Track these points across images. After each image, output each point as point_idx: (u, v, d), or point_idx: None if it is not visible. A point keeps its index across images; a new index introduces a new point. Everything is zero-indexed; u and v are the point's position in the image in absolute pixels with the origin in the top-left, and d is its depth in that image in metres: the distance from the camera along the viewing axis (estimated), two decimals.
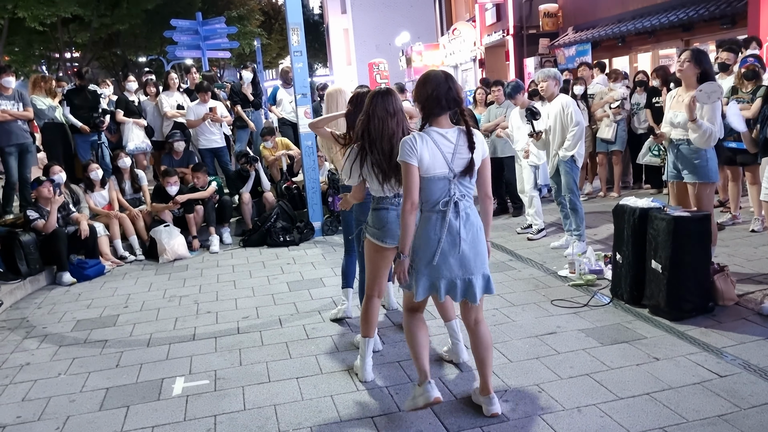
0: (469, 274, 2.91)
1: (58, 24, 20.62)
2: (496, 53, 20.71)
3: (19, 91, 7.05)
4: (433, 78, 2.90)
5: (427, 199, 2.88)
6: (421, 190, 2.86)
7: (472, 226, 2.90)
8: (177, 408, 3.37)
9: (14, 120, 6.91)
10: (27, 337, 4.66)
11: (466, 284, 2.93)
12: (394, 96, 3.26)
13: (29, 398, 3.61)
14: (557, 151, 5.69)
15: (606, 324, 4.12)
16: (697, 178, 4.61)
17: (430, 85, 2.87)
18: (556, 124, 5.67)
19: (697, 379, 3.27)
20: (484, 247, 2.96)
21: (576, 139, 5.56)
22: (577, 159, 5.70)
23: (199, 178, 7.40)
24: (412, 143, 2.82)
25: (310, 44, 19.93)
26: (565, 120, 5.59)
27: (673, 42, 12.93)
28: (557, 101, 5.69)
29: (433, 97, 2.85)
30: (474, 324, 3.07)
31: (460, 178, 2.87)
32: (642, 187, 8.48)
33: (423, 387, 3.00)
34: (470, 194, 2.94)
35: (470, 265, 2.90)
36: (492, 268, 5.57)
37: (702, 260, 4.06)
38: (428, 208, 2.90)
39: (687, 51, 4.63)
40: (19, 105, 6.95)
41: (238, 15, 24.84)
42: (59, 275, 6.10)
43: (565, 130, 5.60)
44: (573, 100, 5.86)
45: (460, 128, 2.91)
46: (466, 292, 2.95)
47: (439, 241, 2.86)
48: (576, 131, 5.54)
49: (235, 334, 4.44)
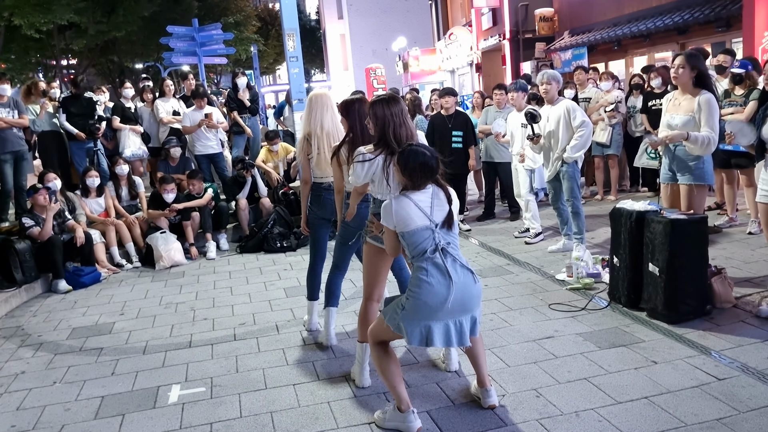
0: (460, 316, 2.89)
1: (54, 31, 20.61)
2: (493, 57, 20.76)
3: (14, 99, 7.05)
4: (420, 152, 2.90)
5: (414, 250, 2.88)
6: (408, 245, 2.89)
7: (462, 268, 2.89)
8: (173, 416, 3.35)
9: (9, 127, 6.90)
10: (22, 346, 4.64)
11: (458, 327, 2.90)
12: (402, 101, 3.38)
13: (24, 407, 3.58)
14: (560, 154, 5.57)
15: (604, 327, 4.11)
16: (692, 180, 4.61)
17: (418, 157, 2.88)
18: (559, 127, 5.54)
19: (695, 383, 3.25)
20: (475, 290, 2.93)
21: (584, 139, 5.46)
22: (579, 162, 5.67)
23: (194, 185, 7.36)
24: (388, 208, 2.88)
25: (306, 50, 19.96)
26: (570, 123, 5.48)
27: (668, 45, 12.97)
28: (560, 105, 5.57)
29: (419, 169, 2.88)
30: None
31: (442, 228, 2.89)
32: (639, 190, 8.48)
33: (405, 415, 2.98)
34: (455, 243, 2.94)
35: (463, 307, 2.88)
36: (489, 272, 5.61)
37: (699, 263, 4.05)
38: (418, 260, 2.88)
39: (680, 56, 4.63)
40: (15, 112, 6.95)
41: (234, 21, 24.82)
42: (55, 283, 6.07)
43: (569, 133, 5.50)
44: (575, 104, 5.78)
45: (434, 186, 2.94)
46: (461, 335, 2.92)
47: (447, 287, 2.82)
48: (585, 132, 5.44)
49: (232, 341, 4.41)
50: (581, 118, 5.47)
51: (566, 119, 5.51)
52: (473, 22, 22.17)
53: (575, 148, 5.49)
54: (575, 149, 5.50)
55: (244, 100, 9.04)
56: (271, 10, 36.97)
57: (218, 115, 8.28)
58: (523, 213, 6.81)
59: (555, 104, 5.62)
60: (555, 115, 5.58)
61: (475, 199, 9.12)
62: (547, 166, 5.82)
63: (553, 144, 5.65)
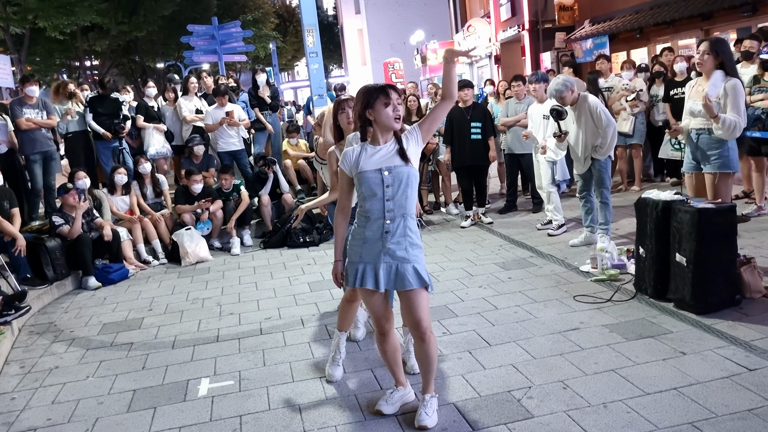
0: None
1: (78, 33, 20.92)
2: (512, 49, 20.60)
3: (42, 100, 7.19)
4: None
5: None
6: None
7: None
8: (203, 409, 3.41)
9: (38, 128, 7.04)
10: (55, 341, 4.75)
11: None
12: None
13: (59, 401, 3.67)
14: (589, 154, 5.51)
15: (630, 319, 4.08)
16: (717, 168, 4.55)
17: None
18: (587, 126, 5.45)
19: (726, 373, 3.22)
20: None
21: (609, 139, 5.39)
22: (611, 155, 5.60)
23: (225, 179, 7.50)
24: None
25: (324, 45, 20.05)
26: (596, 121, 5.40)
27: (692, 32, 12.73)
28: (583, 103, 5.48)
29: None
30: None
31: None
32: (664, 180, 8.37)
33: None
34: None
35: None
36: (513, 264, 5.60)
37: (728, 252, 4.00)
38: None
39: (705, 42, 4.57)
40: (43, 113, 7.09)
41: (253, 18, 24.95)
42: (85, 280, 6.20)
43: (596, 131, 5.42)
44: (599, 100, 5.66)
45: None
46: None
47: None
48: (610, 132, 5.37)
49: (258, 335, 4.47)
50: (605, 117, 5.39)
51: (593, 116, 5.41)
52: (492, 13, 22.02)
53: (605, 151, 5.45)
54: (605, 152, 5.46)
55: (265, 97, 9.10)
56: (288, 6, 37.10)
57: (240, 112, 8.36)
58: (546, 205, 6.77)
59: (578, 104, 5.51)
60: (581, 113, 5.49)
61: (498, 191, 9.09)
62: (578, 163, 5.72)
63: (582, 142, 5.54)
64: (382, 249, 2.89)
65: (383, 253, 2.89)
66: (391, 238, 2.88)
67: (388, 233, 2.88)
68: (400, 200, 2.87)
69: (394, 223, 2.88)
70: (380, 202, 2.87)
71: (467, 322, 4.31)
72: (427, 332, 2.96)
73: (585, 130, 5.48)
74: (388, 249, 2.88)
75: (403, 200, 2.88)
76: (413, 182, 2.89)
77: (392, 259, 2.89)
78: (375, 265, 2.90)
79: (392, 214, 2.87)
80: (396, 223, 2.88)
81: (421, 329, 2.95)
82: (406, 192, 2.87)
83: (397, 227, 2.88)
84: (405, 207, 2.89)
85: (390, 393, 3.20)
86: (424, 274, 2.92)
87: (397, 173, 2.85)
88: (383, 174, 2.85)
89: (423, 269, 2.92)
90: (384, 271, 2.90)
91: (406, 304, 2.96)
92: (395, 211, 2.87)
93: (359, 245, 2.94)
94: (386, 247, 2.89)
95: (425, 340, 2.96)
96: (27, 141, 7.01)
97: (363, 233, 2.93)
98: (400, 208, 2.88)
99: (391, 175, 2.85)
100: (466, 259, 5.97)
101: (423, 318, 2.94)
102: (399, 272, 2.89)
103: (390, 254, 2.89)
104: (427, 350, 2.99)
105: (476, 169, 7.29)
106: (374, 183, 2.85)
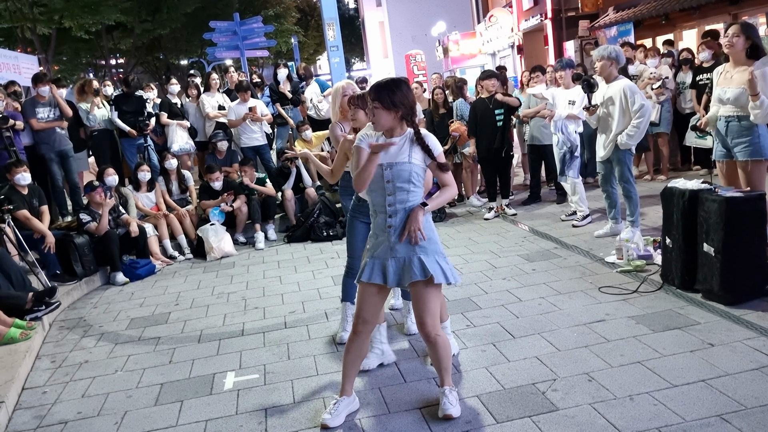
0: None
1: (103, 32, 21.26)
2: (535, 38, 20.32)
3: (53, 99, 7.20)
4: None
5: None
6: None
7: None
8: (229, 402, 3.45)
9: (53, 128, 7.12)
10: (84, 336, 4.84)
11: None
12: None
13: (89, 394, 3.75)
14: (614, 138, 5.26)
15: (657, 310, 4.02)
16: (748, 156, 4.44)
17: None
18: (615, 109, 5.22)
19: (755, 365, 3.16)
20: None
21: (642, 127, 5.16)
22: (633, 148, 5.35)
23: (246, 172, 7.58)
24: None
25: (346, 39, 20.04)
26: (626, 106, 5.16)
27: (720, 17, 12.41)
28: (617, 84, 5.24)
29: None
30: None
31: None
32: (692, 169, 8.21)
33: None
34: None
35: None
36: (537, 256, 5.55)
37: (757, 241, 3.91)
38: None
39: (735, 25, 4.46)
40: (56, 111, 7.16)
41: (274, 13, 25.08)
42: (113, 275, 6.31)
43: (627, 117, 5.19)
44: (635, 86, 5.41)
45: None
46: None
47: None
48: (643, 120, 5.11)
49: (283, 329, 4.51)
50: (640, 102, 5.14)
51: (623, 102, 5.19)
52: (513, 2, 21.74)
53: (633, 137, 5.18)
54: (633, 138, 5.19)
55: (285, 92, 9.13)
56: (309, 1, 37.10)
57: (262, 108, 8.40)
58: (570, 196, 6.69)
59: (611, 83, 5.30)
60: (610, 95, 5.29)
61: (521, 182, 9.01)
62: (602, 147, 5.52)
63: (610, 124, 5.33)
64: (389, 245, 2.92)
65: (389, 248, 2.92)
66: (395, 233, 2.91)
67: (391, 227, 2.91)
68: (401, 195, 2.90)
69: (396, 218, 2.90)
70: (382, 196, 2.92)
71: (491, 315, 4.29)
72: (432, 334, 2.92)
73: (613, 113, 5.28)
74: (392, 244, 2.91)
75: (404, 195, 2.90)
76: (415, 178, 2.91)
77: (399, 254, 2.91)
78: (384, 261, 2.94)
79: (393, 208, 2.91)
80: (398, 218, 2.90)
81: (425, 330, 2.93)
82: (407, 188, 2.90)
83: (400, 222, 2.90)
84: (407, 201, 2.91)
85: (334, 404, 3.07)
86: (432, 267, 2.86)
87: (398, 170, 2.88)
88: (384, 170, 2.90)
89: (432, 261, 2.88)
90: (392, 267, 2.92)
91: (413, 299, 2.99)
92: (396, 206, 2.90)
93: (373, 239, 3.00)
94: (391, 242, 2.92)
95: (431, 341, 2.95)
96: (42, 141, 7.09)
97: (374, 227, 3.01)
98: (401, 202, 2.90)
99: (391, 172, 2.89)
100: (490, 251, 5.93)
101: (427, 318, 2.91)
102: (405, 265, 2.90)
103: (396, 249, 2.91)
104: (434, 351, 2.97)
105: (498, 159, 7.20)
106: (376, 177, 2.91)
